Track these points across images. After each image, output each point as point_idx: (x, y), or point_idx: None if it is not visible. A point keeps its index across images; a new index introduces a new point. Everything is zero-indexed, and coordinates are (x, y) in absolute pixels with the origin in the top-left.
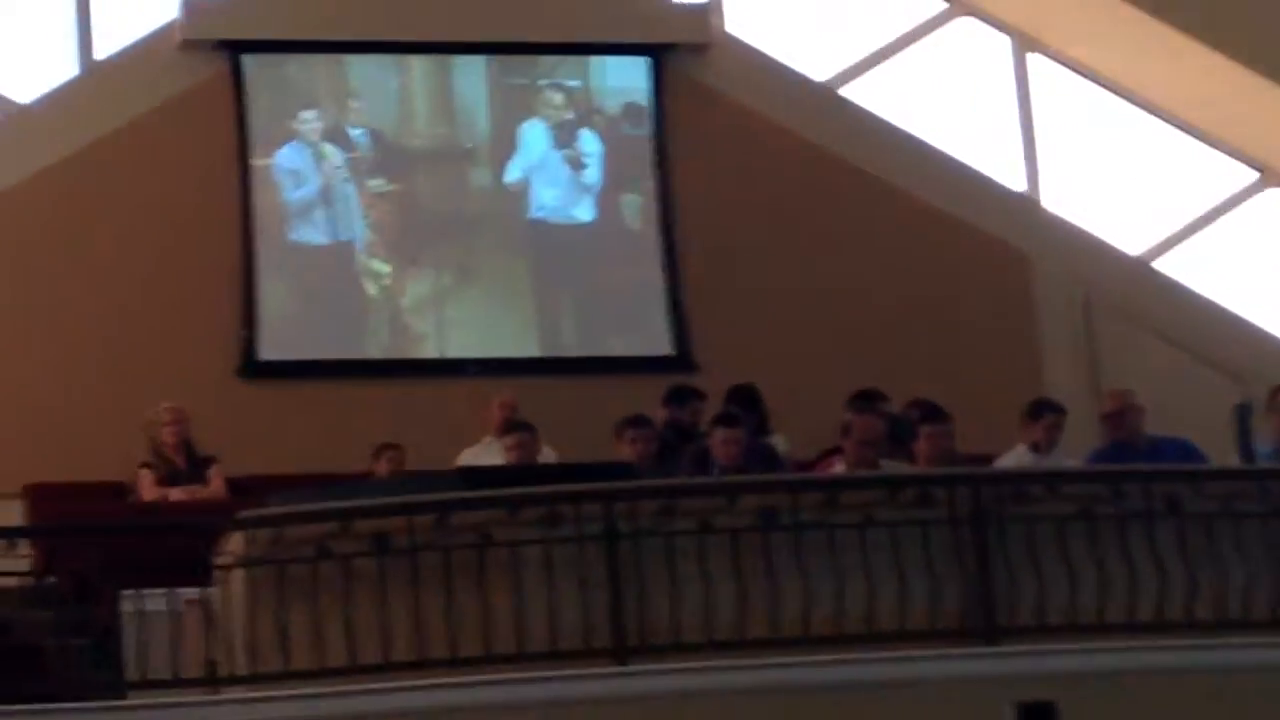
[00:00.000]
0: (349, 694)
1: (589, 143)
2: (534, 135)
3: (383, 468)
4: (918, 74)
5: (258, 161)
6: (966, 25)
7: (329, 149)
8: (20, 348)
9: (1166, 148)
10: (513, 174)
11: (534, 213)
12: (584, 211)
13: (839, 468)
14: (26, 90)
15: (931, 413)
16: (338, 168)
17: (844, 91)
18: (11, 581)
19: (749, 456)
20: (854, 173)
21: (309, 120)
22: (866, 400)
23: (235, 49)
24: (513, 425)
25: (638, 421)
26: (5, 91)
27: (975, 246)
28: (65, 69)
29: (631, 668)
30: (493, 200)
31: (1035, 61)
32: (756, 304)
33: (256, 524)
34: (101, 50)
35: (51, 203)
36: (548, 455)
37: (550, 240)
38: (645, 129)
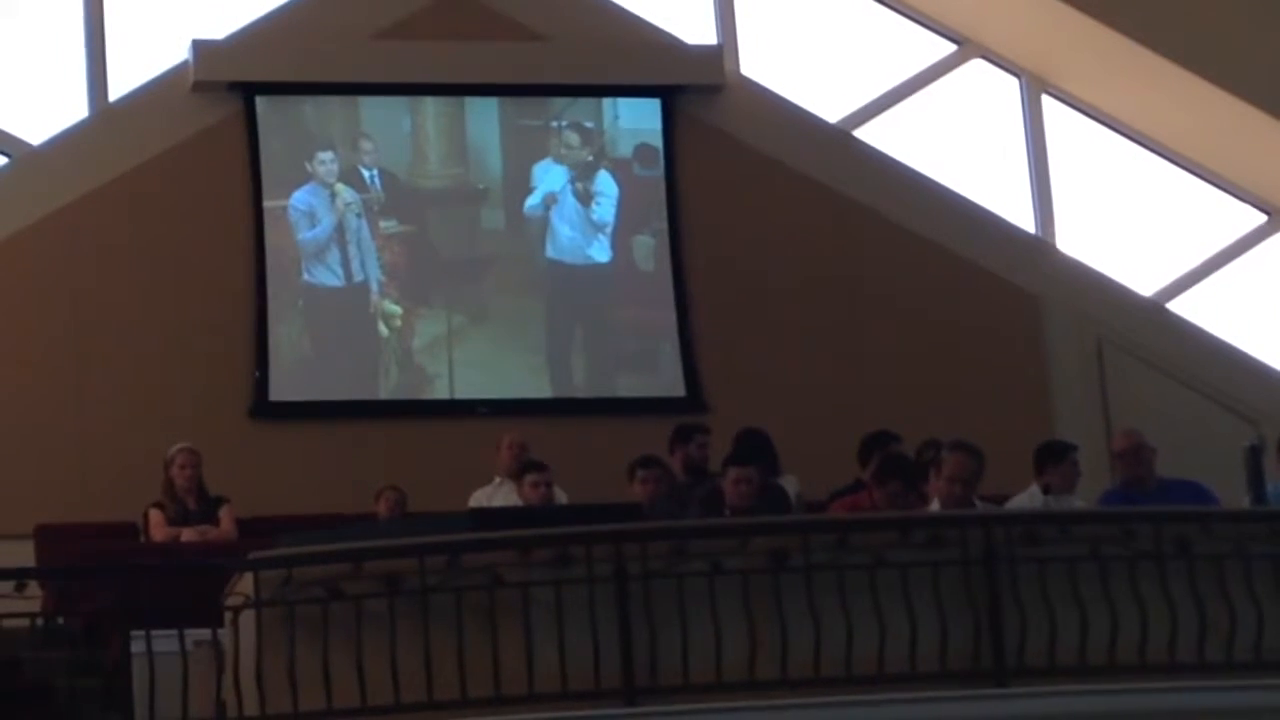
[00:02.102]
0: None
1: (605, 183)
2: (552, 175)
3: (382, 508)
4: (930, 116)
5: (270, 203)
6: (979, 67)
7: (342, 190)
8: (32, 388)
9: (1178, 189)
10: (532, 211)
11: (551, 252)
12: (600, 252)
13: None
14: (39, 132)
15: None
16: (349, 205)
17: (856, 133)
18: (22, 622)
19: (761, 497)
20: (865, 214)
21: (322, 162)
22: (882, 441)
23: (248, 91)
24: (532, 464)
25: (648, 462)
26: (18, 133)
27: (987, 288)
28: (77, 111)
29: (641, 708)
30: (505, 241)
31: (1047, 104)
32: (767, 345)
33: (268, 565)
34: (114, 92)
35: (64, 244)
36: (559, 496)
37: (565, 280)
38: (657, 170)
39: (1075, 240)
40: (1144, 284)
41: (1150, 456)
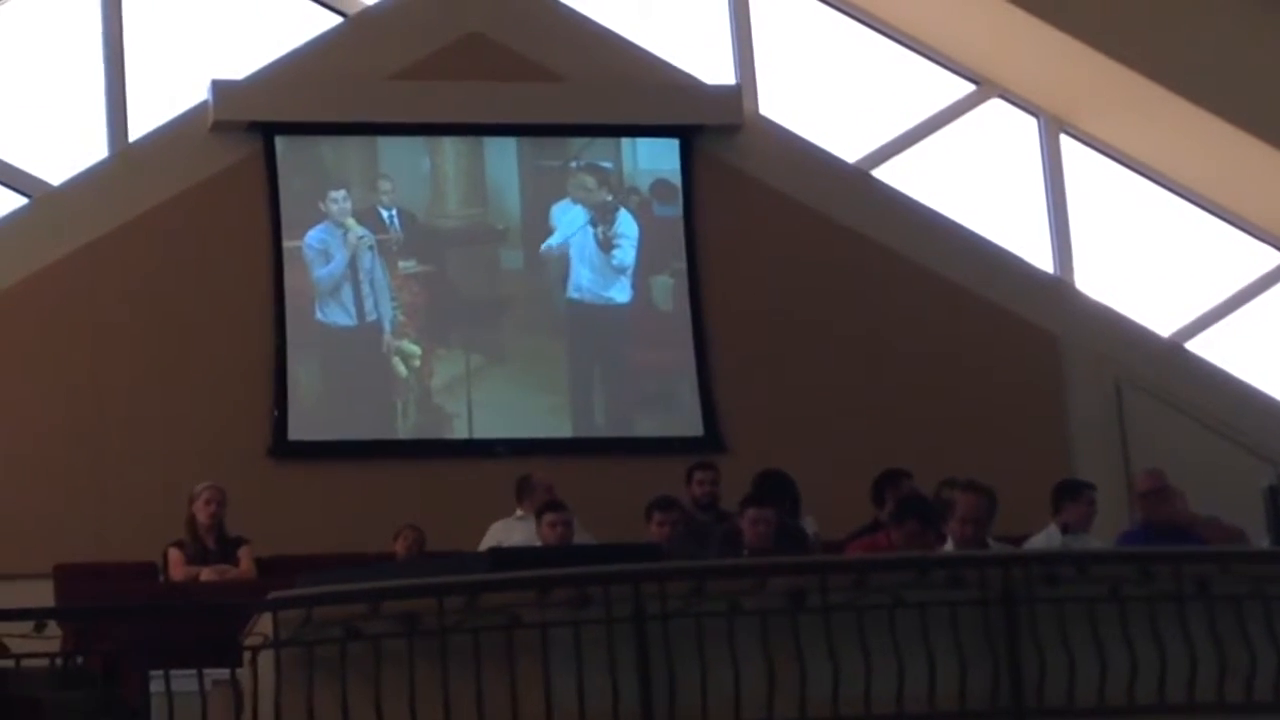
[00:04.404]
0: None
1: (626, 225)
2: (571, 216)
3: (400, 548)
4: (948, 156)
5: (290, 243)
6: (997, 107)
7: (360, 229)
8: (51, 428)
9: (1196, 229)
10: (552, 253)
11: (570, 293)
12: (620, 293)
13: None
14: (58, 172)
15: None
16: (368, 246)
17: (874, 173)
18: (41, 662)
19: (779, 537)
20: (884, 254)
21: (334, 200)
22: (893, 479)
23: (267, 131)
24: (551, 504)
25: (665, 504)
26: (38, 173)
27: (1006, 328)
28: (97, 151)
29: None
30: (524, 281)
31: (1066, 143)
32: (786, 384)
33: (286, 605)
34: (134, 132)
35: (83, 284)
36: (584, 537)
37: (584, 321)
38: (676, 209)
39: (1094, 280)
40: (1163, 324)
41: (1174, 498)
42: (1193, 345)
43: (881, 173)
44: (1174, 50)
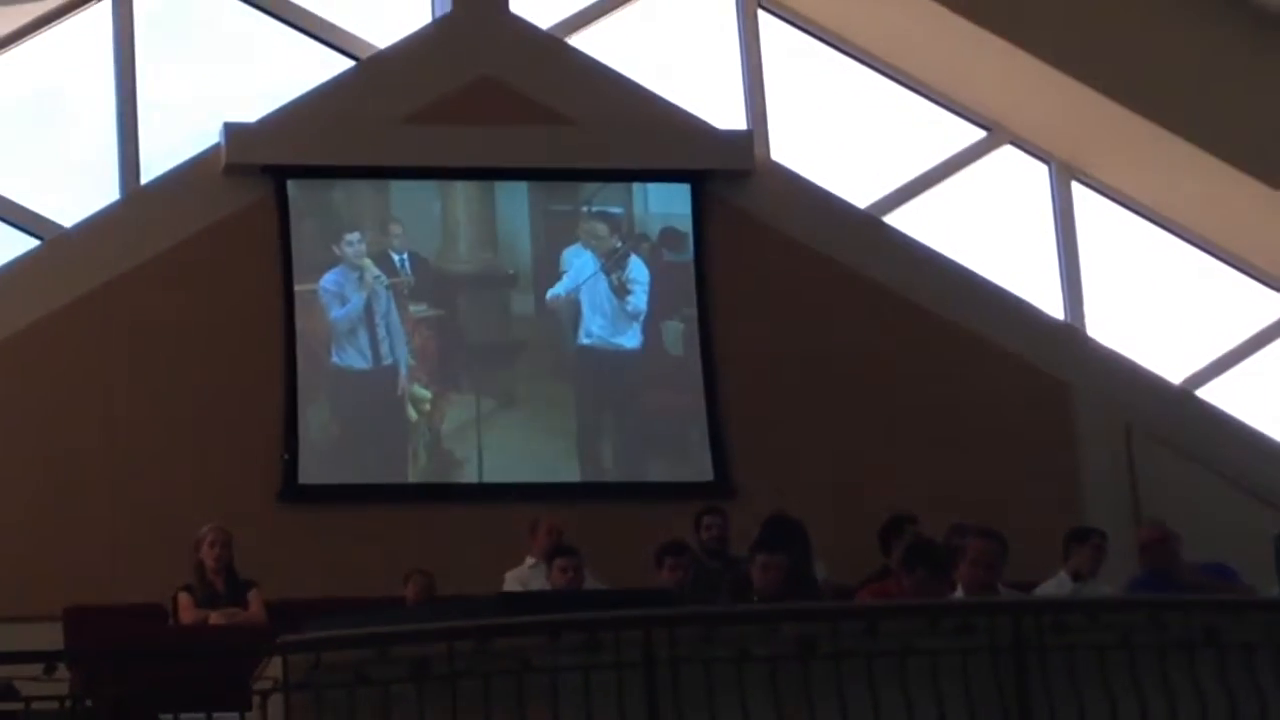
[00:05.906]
0: None
1: (638, 270)
2: (582, 261)
3: (410, 592)
4: (960, 202)
5: (301, 286)
6: (1008, 154)
7: (368, 264)
8: (61, 471)
9: (1208, 276)
10: (559, 300)
11: (581, 338)
12: (630, 338)
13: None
14: (70, 214)
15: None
16: (377, 278)
17: (886, 219)
18: (51, 704)
19: (789, 583)
20: (895, 300)
21: (349, 243)
22: (898, 525)
23: (279, 174)
24: (561, 549)
25: (676, 550)
26: (50, 215)
27: (1016, 374)
28: (109, 193)
29: None
30: (535, 326)
31: (1077, 190)
32: (796, 430)
33: (296, 649)
34: (146, 175)
35: (94, 327)
36: (592, 582)
37: (595, 366)
38: (685, 255)
39: (1105, 327)
40: (1174, 371)
41: (1177, 547)
42: (1204, 392)
43: (893, 219)
44: (1185, 97)
